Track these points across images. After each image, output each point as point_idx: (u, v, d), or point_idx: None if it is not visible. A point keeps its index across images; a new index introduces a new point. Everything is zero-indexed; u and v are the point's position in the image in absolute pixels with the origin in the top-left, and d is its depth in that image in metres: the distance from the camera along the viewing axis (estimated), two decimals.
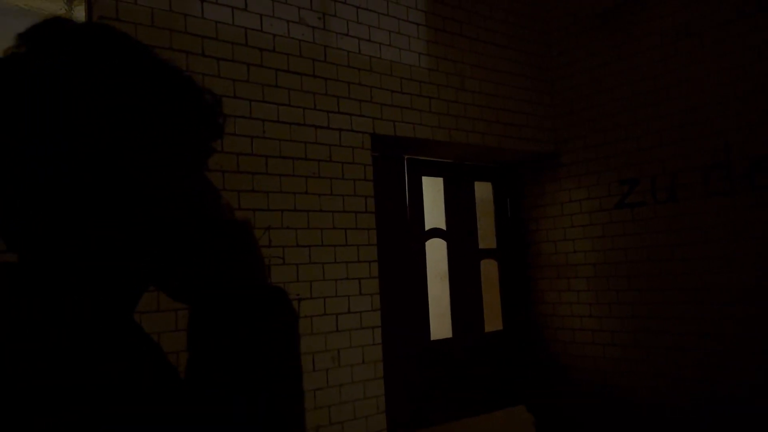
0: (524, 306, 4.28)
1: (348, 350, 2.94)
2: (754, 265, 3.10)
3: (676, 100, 3.44)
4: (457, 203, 4.07)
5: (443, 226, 3.98)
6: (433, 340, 3.77)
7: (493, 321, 4.21)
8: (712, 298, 3.26)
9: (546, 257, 4.14)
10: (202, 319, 0.64)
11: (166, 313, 2.32)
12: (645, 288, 3.57)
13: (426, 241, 3.83)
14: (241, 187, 2.66)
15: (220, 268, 0.64)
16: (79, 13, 2.57)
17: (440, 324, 3.99)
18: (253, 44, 2.76)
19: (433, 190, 4.35)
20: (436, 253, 4.11)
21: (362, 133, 3.12)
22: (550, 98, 4.11)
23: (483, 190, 4.34)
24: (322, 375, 2.83)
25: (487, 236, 4.28)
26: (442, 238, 3.96)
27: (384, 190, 3.52)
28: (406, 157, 3.75)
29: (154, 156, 0.61)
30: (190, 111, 0.66)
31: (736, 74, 3.19)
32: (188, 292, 0.66)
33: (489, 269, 4.27)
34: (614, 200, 3.73)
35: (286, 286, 2.72)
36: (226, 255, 0.65)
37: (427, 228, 3.85)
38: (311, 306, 2.84)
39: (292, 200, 2.82)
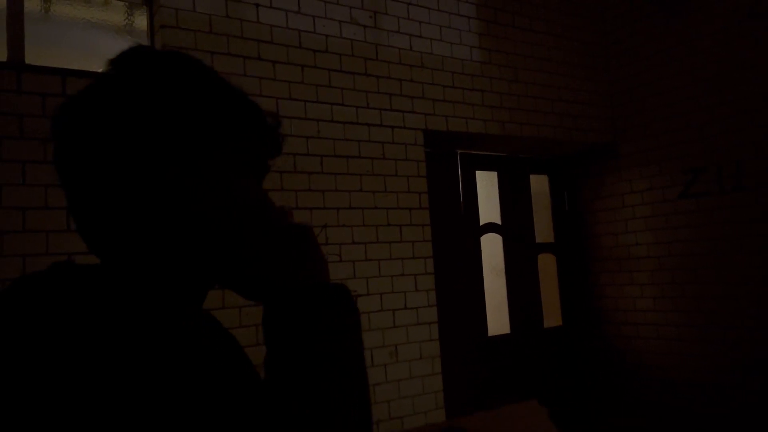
0: (584, 301, 4.18)
1: (405, 346, 2.96)
2: None
3: (741, 85, 3.28)
4: (512, 197, 4.01)
5: (498, 221, 3.93)
6: (491, 336, 3.75)
7: (552, 316, 4.14)
8: None
9: (606, 250, 4.03)
10: (275, 315, 0.68)
11: (230, 309, 2.40)
12: (711, 281, 3.42)
13: (481, 236, 3.80)
14: (297, 186, 2.71)
15: (284, 268, 0.69)
16: (141, 22, 2.68)
17: (497, 320, 3.95)
18: (307, 46, 2.81)
19: (487, 184, 4.30)
20: (492, 248, 4.07)
21: (414, 129, 3.13)
22: (607, 87, 3.99)
23: (539, 183, 4.27)
24: (381, 370, 2.86)
25: (544, 230, 4.21)
26: (498, 233, 3.92)
27: (437, 186, 3.52)
28: (459, 151, 3.73)
29: (224, 171, 0.68)
30: (253, 131, 0.72)
31: None
32: (257, 291, 0.71)
33: (547, 264, 4.19)
34: (678, 190, 3.59)
35: (344, 283, 2.77)
36: (289, 256, 0.69)
37: (482, 223, 3.82)
38: (368, 302, 2.87)
39: (347, 198, 2.86)
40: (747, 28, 3.26)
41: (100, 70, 0.68)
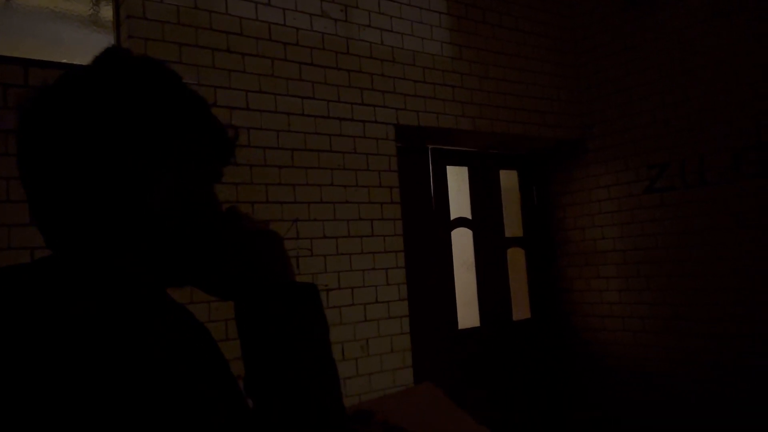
0: (552, 294, 4.26)
1: (377, 339, 2.98)
2: None
3: (705, 83, 3.37)
4: (483, 192, 4.06)
5: (469, 216, 3.97)
6: (461, 329, 3.79)
7: (521, 309, 4.20)
8: (745, 284, 3.20)
9: (574, 244, 4.11)
10: (245, 311, 0.73)
11: (200, 304, 2.37)
12: (676, 274, 3.52)
13: (452, 230, 3.83)
14: (268, 180, 2.70)
15: (251, 268, 0.74)
16: (107, 13, 2.63)
17: (468, 313, 3.99)
18: (277, 38, 2.79)
19: (458, 179, 4.34)
20: (463, 242, 4.11)
21: (386, 124, 3.14)
22: (575, 83, 4.06)
23: (508, 179, 4.32)
24: (352, 364, 2.87)
25: (513, 224, 4.27)
26: (468, 228, 3.96)
27: (409, 181, 3.53)
28: (430, 147, 3.75)
29: (186, 175, 0.71)
30: (212, 140, 0.76)
31: (767, 55, 3.11)
32: (225, 290, 0.77)
33: (516, 257, 4.25)
34: (643, 185, 3.68)
35: (314, 277, 2.77)
36: (256, 257, 0.75)
37: (452, 217, 3.86)
38: (340, 296, 2.87)
39: (318, 192, 2.85)
40: (711, 26, 3.35)
41: (63, 61, 0.72)
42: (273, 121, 2.74)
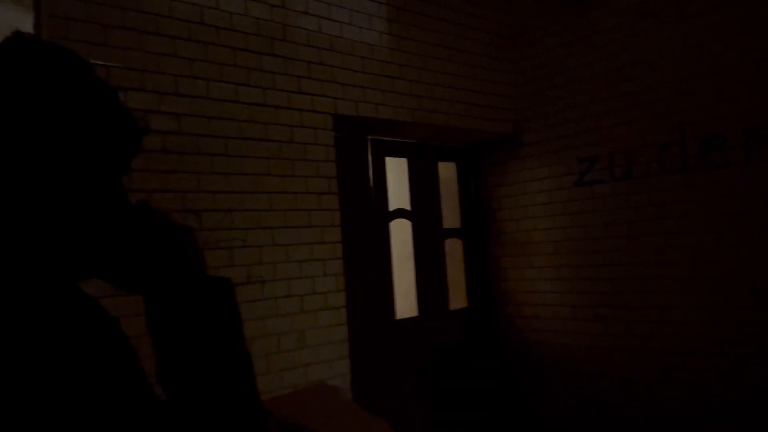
0: (488, 283, 4.35)
1: (313, 331, 2.95)
2: (706, 241, 3.21)
3: (633, 80, 3.51)
4: (422, 184, 4.09)
5: (408, 207, 4.00)
6: (399, 319, 3.81)
7: (458, 299, 4.27)
8: (668, 272, 3.37)
9: (509, 235, 4.21)
10: (154, 307, 0.73)
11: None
12: (604, 263, 3.66)
13: (390, 221, 3.85)
14: (200, 168, 2.61)
15: (160, 262, 0.73)
16: None
17: (406, 303, 4.03)
18: (210, 22, 2.70)
19: (397, 170, 4.35)
20: (401, 233, 4.14)
21: (324, 113, 3.10)
22: (513, 78, 4.14)
23: (447, 171, 4.37)
24: (288, 356, 2.84)
25: (451, 216, 4.32)
26: (407, 219, 3.98)
27: (347, 171, 3.51)
28: (369, 137, 3.74)
29: (88, 166, 0.70)
30: (120, 132, 0.75)
31: (690, 54, 3.26)
32: (133, 284, 0.75)
33: (454, 248, 4.32)
34: (574, 178, 3.80)
35: (249, 269, 2.71)
36: (164, 251, 0.74)
37: (391, 208, 3.87)
38: (276, 288, 2.83)
39: (253, 182, 2.79)
40: (639, 25, 3.48)
41: None
42: (205, 108, 2.65)
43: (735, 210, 3.09)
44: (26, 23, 2.42)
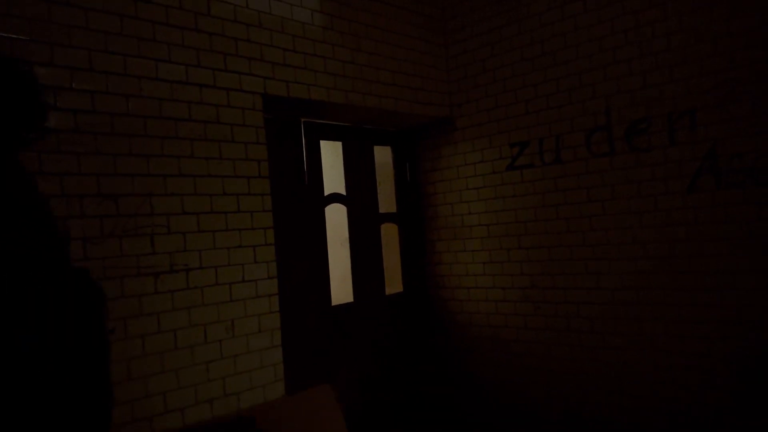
0: (423, 268, 4.36)
1: (243, 320, 2.85)
2: (630, 222, 3.32)
3: (562, 65, 3.57)
4: (357, 168, 4.03)
5: (343, 191, 3.93)
6: (335, 305, 3.76)
7: (394, 284, 4.26)
8: (593, 254, 3.47)
9: (443, 219, 4.22)
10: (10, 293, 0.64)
11: None
12: (533, 246, 3.73)
13: (326, 206, 3.77)
14: (117, 150, 2.45)
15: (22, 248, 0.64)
16: None
17: (342, 289, 3.98)
18: None
19: (332, 154, 4.28)
20: (337, 218, 4.08)
21: (252, 93, 2.98)
22: (445, 62, 4.13)
23: (383, 155, 4.33)
24: (216, 346, 2.73)
25: (387, 200, 4.30)
26: (342, 203, 3.92)
27: (279, 155, 3.41)
28: (302, 120, 3.64)
29: None
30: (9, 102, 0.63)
31: (616, 39, 3.34)
32: None
33: (390, 233, 4.29)
34: (506, 163, 3.84)
35: (172, 256, 2.58)
36: (30, 238, 0.64)
37: (326, 193, 3.79)
38: (202, 276, 2.71)
39: (176, 164, 2.65)
40: (567, 10, 3.54)
41: None
42: (122, 85, 2.48)
43: (656, 192, 3.21)
44: None
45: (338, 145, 3.99)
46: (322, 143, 3.80)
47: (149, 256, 2.51)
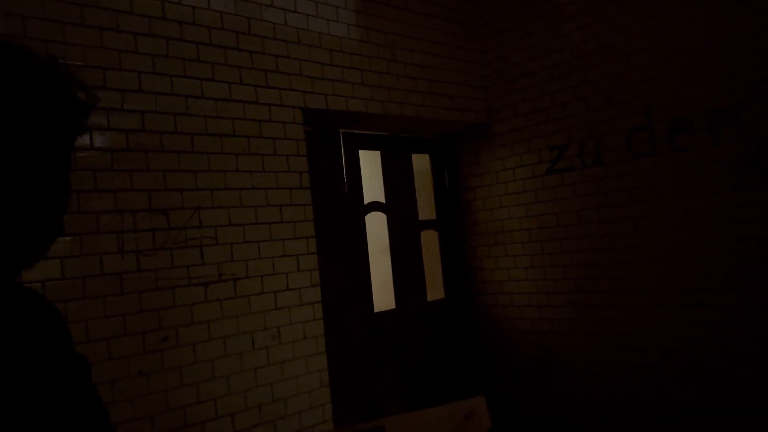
0: (464, 273, 4.37)
1: (288, 327, 2.93)
2: (675, 223, 3.25)
3: (600, 66, 3.54)
4: (396, 176, 4.08)
5: (382, 200, 3.99)
6: (377, 312, 3.81)
7: (435, 290, 4.28)
8: (638, 257, 3.41)
9: (483, 225, 4.22)
10: None
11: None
12: (576, 250, 3.69)
13: (366, 214, 3.83)
14: (166, 166, 2.57)
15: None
16: None
17: (384, 296, 4.02)
18: (172, 17, 2.65)
19: (371, 163, 4.34)
20: (377, 226, 4.13)
21: (293, 107, 3.07)
22: (481, 68, 4.14)
23: (421, 162, 4.37)
24: (263, 353, 2.81)
25: (426, 207, 4.33)
26: (382, 211, 3.97)
27: (320, 165, 3.49)
28: (341, 131, 3.72)
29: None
30: (53, 105, 0.69)
31: (656, 38, 3.30)
32: None
33: (430, 240, 4.32)
34: (545, 166, 3.82)
35: (220, 267, 2.68)
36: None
37: (366, 202, 3.85)
38: (248, 285, 2.80)
39: (222, 178, 2.76)
40: (604, 11, 3.51)
41: None
42: (170, 104, 2.61)
43: (702, 191, 3.14)
44: None
45: (377, 154, 4.05)
46: (361, 153, 3.87)
47: (199, 266, 2.62)
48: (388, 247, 4.03)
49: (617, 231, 3.50)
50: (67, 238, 2.27)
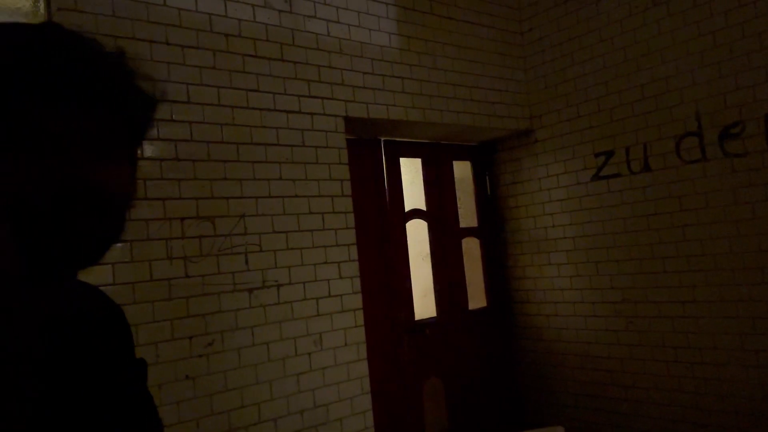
0: (506, 282, 4.31)
1: (330, 333, 2.96)
2: (726, 231, 3.14)
3: (646, 71, 3.46)
4: (437, 183, 4.07)
5: (423, 207, 3.99)
6: (418, 320, 3.80)
7: (477, 298, 4.24)
8: (688, 266, 3.30)
9: (526, 232, 4.17)
10: None
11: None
12: (623, 259, 3.60)
13: (406, 222, 3.84)
14: (213, 175, 2.64)
15: None
16: (39, 5, 2.52)
17: (425, 304, 4.01)
18: (218, 30, 2.73)
19: (411, 171, 4.35)
20: (418, 233, 4.12)
21: (335, 116, 3.11)
22: (523, 74, 4.10)
23: (462, 169, 4.35)
24: (305, 359, 2.84)
25: (468, 215, 4.30)
26: (423, 219, 3.97)
27: (361, 173, 3.52)
28: (382, 138, 3.74)
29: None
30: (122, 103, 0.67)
31: (704, 42, 3.20)
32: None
33: (471, 247, 4.29)
34: (590, 173, 3.75)
35: (264, 273, 2.73)
36: None
37: (407, 209, 3.86)
38: (291, 291, 2.84)
39: (266, 187, 2.81)
40: (651, 15, 3.43)
41: None
42: (216, 115, 2.68)
43: (754, 199, 3.02)
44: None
45: (417, 161, 4.05)
46: (402, 160, 3.88)
47: (244, 273, 2.67)
48: (429, 255, 4.03)
49: (666, 239, 3.40)
50: (119, 244, 2.35)
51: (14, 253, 0.58)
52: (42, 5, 2.51)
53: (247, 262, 2.69)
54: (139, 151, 0.75)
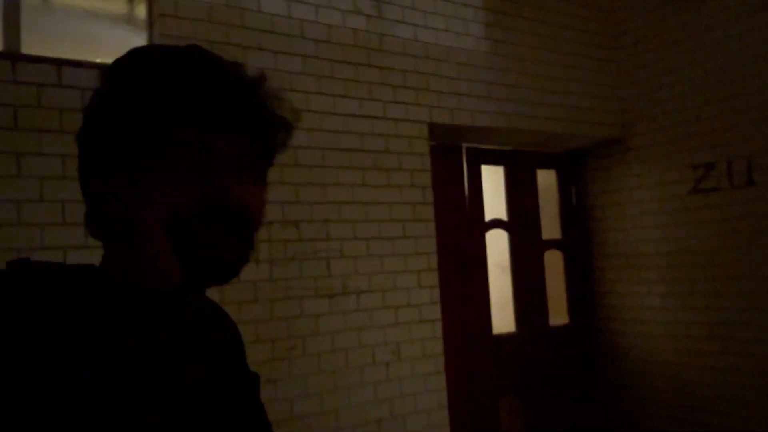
0: (591, 298, 4.11)
1: (408, 343, 2.91)
2: None
3: (752, 79, 3.20)
4: (519, 192, 3.94)
5: (504, 217, 3.87)
6: (496, 334, 3.68)
7: (558, 314, 4.07)
8: None
9: (614, 246, 3.96)
10: None
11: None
12: (722, 277, 3.35)
13: (486, 232, 3.74)
14: (298, 180, 2.66)
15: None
16: (141, 12, 2.63)
17: (503, 317, 3.89)
18: (309, 36, 2.75)
19: (493, 179, 4.24)
20: (498, 244, 4.01)
21: (419, 122, 3.06)
22: (616, 80, 3.91)
23: (546, 178, 4.19)
24: (383, 368, 2.81)
25: (551, 226, 4.14)
26: (504, 229, 3.85)
27: (442, 181, 3.45)
28: (464, 145, 3.66)
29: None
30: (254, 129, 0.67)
31: None
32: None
33: (554, 260, 4.12)
34: (687, 186, 3.51)
35: (344, 279, 2.71)
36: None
37: (487, 219, 3.76)
38: (370, 299, 2.82)
39: (349, 193, 2.80)
40: (759, 20, 3.18)
41: (97, 60, 0.71)
42: (305, 120, 2.69)
43: None
44: (139, 43, 2.57)
45: (499, 169, 3.94)
46: (483, 168, 3.78)
47: (325, 278, 2.67)
48: (509, 267, 3.90)
49: None
50: None
51: (172, 264, 0.62)
52: (144, 12, 2.62)
53: (329, 267, 2.69)
54: None
